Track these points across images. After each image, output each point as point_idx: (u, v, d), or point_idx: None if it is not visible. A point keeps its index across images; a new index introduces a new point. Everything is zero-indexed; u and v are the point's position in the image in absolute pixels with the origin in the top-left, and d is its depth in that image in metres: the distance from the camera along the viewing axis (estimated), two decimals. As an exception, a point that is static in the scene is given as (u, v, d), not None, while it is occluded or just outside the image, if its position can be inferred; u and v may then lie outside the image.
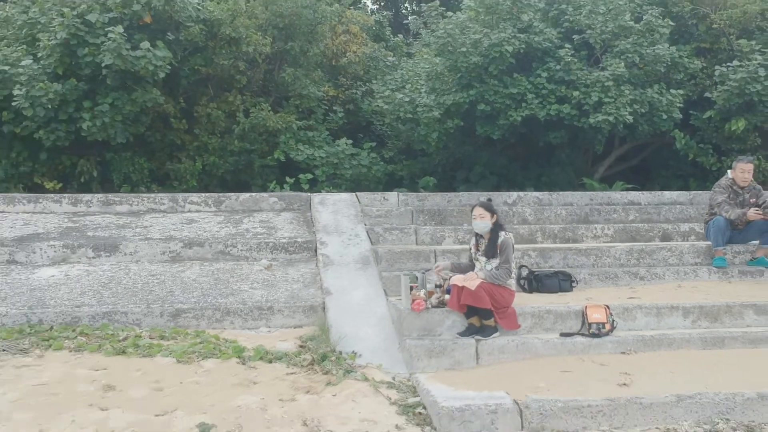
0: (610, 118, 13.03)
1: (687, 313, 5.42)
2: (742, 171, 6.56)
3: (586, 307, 5.23)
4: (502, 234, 5.19)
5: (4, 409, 4.02)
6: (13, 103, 11.60)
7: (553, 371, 4.68)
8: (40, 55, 11.93)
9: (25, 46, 12.62)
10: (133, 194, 8.99)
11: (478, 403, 3.99)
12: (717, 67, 14.37)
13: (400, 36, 18.36)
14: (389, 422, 4.03)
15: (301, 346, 5.22)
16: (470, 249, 5.49)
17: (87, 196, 8.12)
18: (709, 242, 6.68)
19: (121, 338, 5.22)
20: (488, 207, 5.22)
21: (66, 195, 8.22)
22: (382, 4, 22.73)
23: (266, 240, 7.06)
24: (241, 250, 6.88)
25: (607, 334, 5.13)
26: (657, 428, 4.03)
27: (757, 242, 6.59)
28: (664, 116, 13.98)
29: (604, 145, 15.12)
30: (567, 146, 14.77)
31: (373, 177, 14.74)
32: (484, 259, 5.25)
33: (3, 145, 12.85)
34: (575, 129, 13.79)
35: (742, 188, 6.60)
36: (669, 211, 8.10)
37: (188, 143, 13.84)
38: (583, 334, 5.12)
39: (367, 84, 15.70)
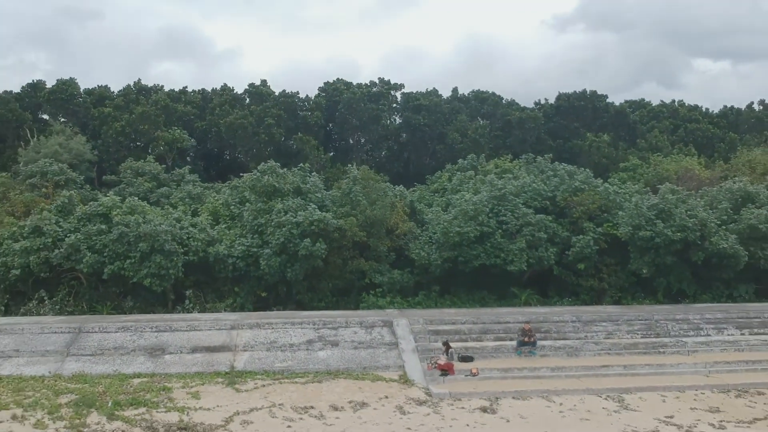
0: (517, 268, 26.48)
1: (501, 371, 18.86)
2: (525, 327, 20.04)
3: (471, 368, 18.69)
4: (450, 350, 18.76)
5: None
6: (264, 266, 25.39)
7: (464, 384, 18.09)
8: (270, 245, 25.66)
9: (257, 237, 26.48)
10: (330, 315, 22.38)
11: (441, 391, 17.44)
12: (573, 237, 27.81)
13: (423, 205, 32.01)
14: (422, 395, 17.52)
15: (399, 377, 18.75)
16: (441, 348, 19.04)
17: (315, 319, 21.66)
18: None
19: (358, 374, 18.80)
20: (446, 344, 18.81)
21: (307, 320, 21.72)
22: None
23: (381, 341, 20.62)
24: (375, 345, 20.43)
25: (477, 375, 18.55)
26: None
27: (531, 347, 20.01)
28: (545, 262, 27.36)
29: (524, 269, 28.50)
30: (504, 272, 28.05)
31: (409, 286, 28.26)
32: (446, 355, 18.79)
33: (246, 280, 26.64)
34: (503, 269, 27.19)
35: (526, 331, 20.00)
36: (516, 327, 21.45)
37: (324, 273, 27.47)
38: (470, 375, 18.56)
39: (405, 237, 29.27)
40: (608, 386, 18.02)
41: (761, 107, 56.34)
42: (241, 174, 32.24)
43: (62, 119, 45.09)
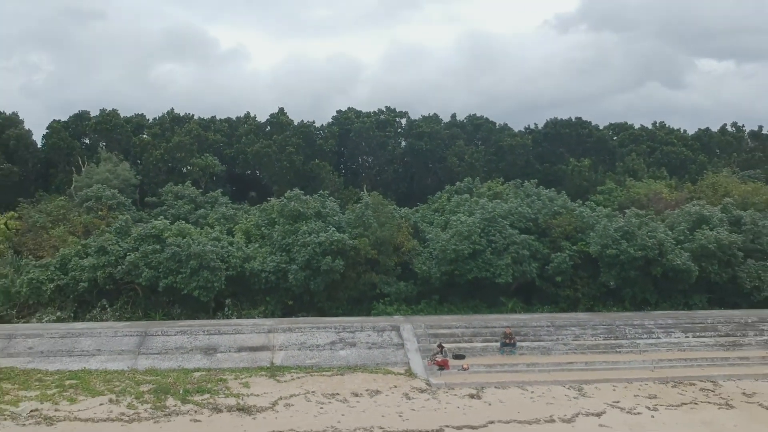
0: (504, 280, 30.63)
1: (486, 366, 22.99)
2: (507, 331, 24.15)
3: (463, 364, 22.83)
4: (444, 350, 22.93)
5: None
6: (291, 279, 29.60)
7: (457, 377, 22.24)
8: (297, 262, 29.87)
9: (285, 254, 30.73)
10: (348, 321, 26.54)
11: (438, 382, 21.58)
12: (552, 254, 31.95)
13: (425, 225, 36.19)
14: (423, 385, 21.67)
15: (405, 371, 22.91)
16: (436, 348, 23.20)
17: (336, 324, 25.79)
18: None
19: (372, 369, 22.99)
20: (440, 346, 22.98)
21: (329, 324, 25.85)
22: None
23: (390, 342, 24.78)
24: (386, 345, 24.57)
25: (467, 370, 22.69)
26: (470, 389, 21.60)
27: (512, 347, 24.13)
28: (528, 275, 31.50)
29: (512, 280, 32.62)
30: (493, 284, 32.21)
31: (413, 295, 32.43)
32: (441, 354, 22.96)
33: (276, 291, 30.86)
34: (493, 281, 31.32)
35: (508, 334, 24.12)
36: (500, 331, 25.54)
37: (341, 285, 31.62)
38: (461, 369, 22.69)
39: (410, 254, 33.42)
40: (571, 378, 22.11)
41: (734, 129, 60.32)
42: (268, 198, 36.51)
43: (102, 144, 49.56)
